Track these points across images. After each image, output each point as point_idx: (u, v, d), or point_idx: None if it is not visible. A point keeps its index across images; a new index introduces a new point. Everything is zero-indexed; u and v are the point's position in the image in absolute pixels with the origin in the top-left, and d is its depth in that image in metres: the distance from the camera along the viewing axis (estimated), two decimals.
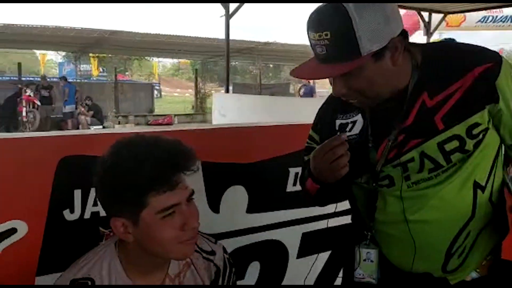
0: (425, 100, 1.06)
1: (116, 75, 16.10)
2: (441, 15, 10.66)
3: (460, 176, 1.07)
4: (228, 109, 8.33)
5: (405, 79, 1.07)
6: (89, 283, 1.03)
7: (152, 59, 24.62)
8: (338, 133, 1.08)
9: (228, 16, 8.52)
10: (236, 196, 1.66)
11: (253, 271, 1.74)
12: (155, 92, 27.50)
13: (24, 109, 11.34)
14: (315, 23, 0.97)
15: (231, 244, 1.67)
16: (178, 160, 1.00)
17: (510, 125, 1.08)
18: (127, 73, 28.27)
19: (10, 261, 1.25)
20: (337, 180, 1.07)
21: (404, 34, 1.02)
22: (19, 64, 13.88)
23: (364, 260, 1.19)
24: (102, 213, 1.31)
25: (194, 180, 1.54)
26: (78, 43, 14.51)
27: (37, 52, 20.89)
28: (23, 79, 14.15)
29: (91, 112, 12.25)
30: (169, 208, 0.98)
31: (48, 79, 13.81)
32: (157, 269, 1.10)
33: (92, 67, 20.24)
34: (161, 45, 14.96)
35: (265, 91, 16.55)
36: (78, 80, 16.11)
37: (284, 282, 1.83)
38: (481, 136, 1.05)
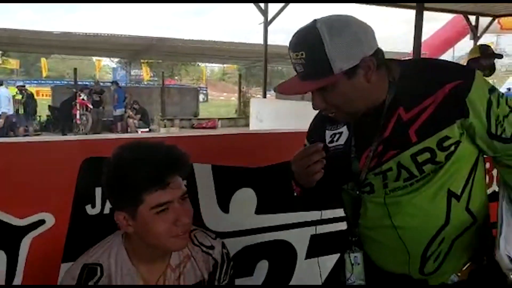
0: (401, 114, 1.14)
1: (163, 80, 16.67)
2: (490, 19, 10.25)
3: (433, 185, 1.14)
4: (265, 115, 8.47)
5: (382, 94, 1.15)
6: (98, 268, 1.18)
7: (199, 64, 25.26)
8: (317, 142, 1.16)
9: (267, 23, 8.70)
10: (245, 198, 1.77)
11: (261, 269, 1.85)
12: (202, 96, 28.19)
13: (78, 112, 12.08)
14: (293, 44, 1.08)
15: (240, 243, 1.80)
16: (170, 163, 1.13)
17: (485, 138, 1.14)
18: (176, 77, 29.14)
19: (39, 248, 1.44)
20: (312, 184, 1.15)
21: (378, 54, 1.10)
22: (75, 70, 14.75)
23: (353, 264, 1.28)
24: None
25: (206, 182, 1.69)
26: (130, 50, 15.22)
27: (94, 58, 22.05)
28: (79, 83, 15.05)
29: (139, 116, 12.80)
30: (162, 205, 1.11)
31: (101, 84, 14.57)
32: (159, 259, 1.23)
33: (143, 72, 21.11)
34: (208, 51, 15.37)
35: (308, 96, 16.47)
36: (128, 85, 16.85)
37: (293, 282, 1.92)
38: (452, 148, 1.12)
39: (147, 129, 12.17)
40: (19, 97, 12.04)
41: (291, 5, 8.92)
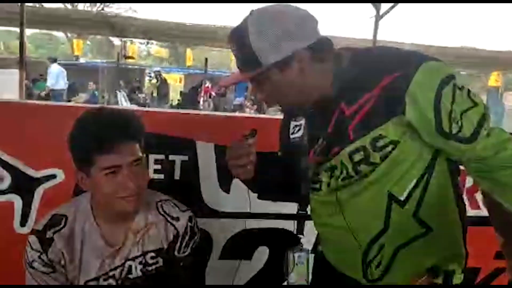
0: (343, 109, 1.05)
1: None
2: None
3: (372, 187, 1.04)
4: None
5: (326, 86, 1.06)
6: (63, 218, 1.32)
7: None
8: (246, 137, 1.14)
9: (378, 17, 8.25)
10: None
11: (261, 255, 1.84)
12: None
13: (202, 98, 13.01)
14: (228, 36, 1.07)
15: (239, 225, 1.81)
16: (116, 128, 1.20)
17: (436, 137, 0.98)
18: None
19: (50, 199, 1.64)
20: (239, 177, 1.14)
21: (319, 45, 1.03)
22: (206, 60, 15.85)
23: (296, 264, 1.22)
24: None
25: (208, 161, 1.75)
26: None
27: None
28: (209, 73, 16.17)
29: (255, 106, 13.28)
30: (111, 168, 1.20)
31: (220, 72, 15.41)
32: (120, 221, 1.32)
33: None
34: None
35: None
36: None
37: None
38: (389, 148, 1.00)
39: None
40: (154, 81, 13.44)
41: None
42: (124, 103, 12.76)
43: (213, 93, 13.24)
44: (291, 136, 1.22)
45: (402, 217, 1.04)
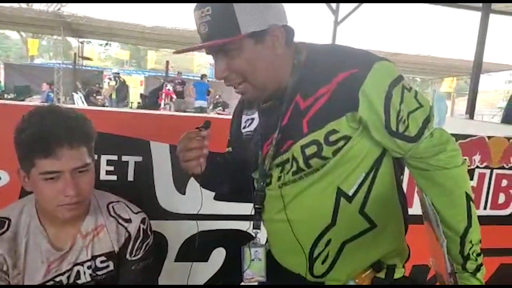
0: (298, 102, 1.05)
1: None
2: None
3: (321, 182, 1.05)
4: None
5: (286, 75, 1.06)
6: (6, 222, 1.24)
7: None
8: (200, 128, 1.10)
9: (336, 23, 8.46)
10: None
11: (217, 256, 1.82)
12: None
13: (163, 101, 12.84)
14: (199, 3, 1.01)
15: (195, 227, 1.78)
16: (60, 133, 1.13)
17: (384, 134, 1.01)
18: None
19: None
20: (189, 172, 1.10)
21: (288, 30, 1.03)
22: (167, 62, 15.73)
23: (253, 259, 1.21)
24: None
25: (163, 162, 1.71)
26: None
27: (197, 54, 23.14)
28: (170, 75, 15.99)
29: (218, 109, 13.26)
30: (50, 173, 1.13)
31: (184, 76, 15.30)
32: (68, 224, 1.26)
33: None
34: None
35: None
36: (214, 79, 17.49)
37: None
38: (341, 143, 1.01)
39: None
40: (113, 83, 13.14)
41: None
42: (80, 105, 12.41)
43: (174, 96, 13.07)
44: (243, 131, 1.21)
45: (349, 213, 1.06)
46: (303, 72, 1.05)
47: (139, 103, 14.87)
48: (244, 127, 1.20)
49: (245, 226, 1.81)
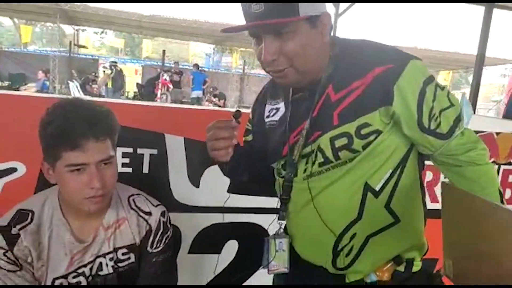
0: (330, 94, 1.06)
1: (244, 68, 16.98)
2: None
3: (349, 176, 1.06)
4: None
5: (324, 65, 1.08)
6: (30, 214, 1.25)
7: None
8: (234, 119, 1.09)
9: (337, 16, 8.47)
10: (217, 175, 1.76)
11: (230, 249, 1.84)
12: None
13: (159, 91, 12.78)
14: None
15: (209, 219, 1.80)
16: (82, 125, 1.14)
17: (416, 130, 1.03)
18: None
19: (11, 193, 1.56)
20: (218, 160, 1.10)
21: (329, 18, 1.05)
22: (164, 51, 15.60)
23: (277, 250, 1.22)
24: None
25: (177, 154, 1.72)
26: (213, 35, 15.67)
27: (192, 43, 23.00)
28: (167, 65, 15.89)
29: (215, 100, 13.23)
30: (76, 165, 1.14)
31: (181, 66, 15.23)
32: (92, 216, 1.27)
33: (232, 59, 21.64)
34: None
35: None
36: (211, 70, 17.44)
37: None
38: (372, 137, 1.02)
39: None
40: (108, 72, 13.04)
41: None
42: (76, 94, 12.31)
43: (170, 86, 13.02)
44: (267, 120, 1.21)
45: (375, 208, 1.07)
46: (337, 65, 1.06)
47: (135, 92, 14.78)
48: (268, 116, 1.21)
49: (258, 219, 1.84)
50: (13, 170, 1.56)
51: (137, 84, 15.11)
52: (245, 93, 16.00)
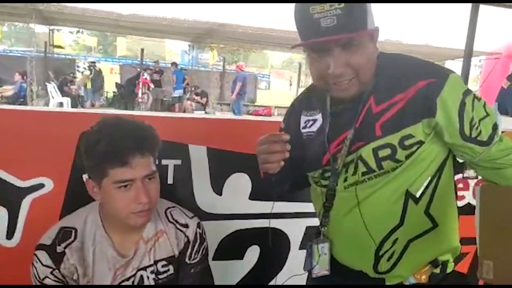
0: (371, 106, 1.12)
1: (224, 65, 16.94)
2: None
3: (391, 184, 1.11)
4: None
5: (371, 77, 1.12)
6: (73, 231, 1.27)
7: (266, 51, 25.24)
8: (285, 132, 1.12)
9: None
10: (239, 182, 1.81)
11: (252, 254, 1.89)
12: (265, 83, 28.30)
13: (140, 90, 12.63)
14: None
15: (232, 226, 1.84)
16: (130, 142, 1.17)
17: (458, 140, 1.09)
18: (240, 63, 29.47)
19: (38, 209, 1.57)
20: (269, 172, 1.14)
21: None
22: (142, 50, 15.35)
23: (320, 255, 1.27)
24: None
25: (201, 164, 1.74)
26: (193, 33, 15.54)
27: (168, 41, 22.72)
28: (145, 63, 15.68)
29: (198, 98, 13.16)
30: (123, 182, 1.18)
31: (161, 64, 15.08)
32: (133, 230, 1.30)
33: (209, 57, 21.54)
34: (269, 39, 15.32)
35: None
36: (189, 68, 17.31)
37: (284, 270, 1.94)
38: (414, 148, 1.08)
39: (203, 112, 12.50)
40: (87, 73, 12.80)
41: None
42: (55, 96, 12.06)
43: (151, 85, 12.88)
44: (303, 131, 1.25)
45: (416, 214, 1.13)
46: (378, 78, 1.12)
47: (114, 92, 14.55)
48: (305, 127, 1.25)
49: (280, 224, 1.89)
50: (41, 186, 1.56)
51: (116, 84, 14.88)
52: (225, 90, 15.95)
